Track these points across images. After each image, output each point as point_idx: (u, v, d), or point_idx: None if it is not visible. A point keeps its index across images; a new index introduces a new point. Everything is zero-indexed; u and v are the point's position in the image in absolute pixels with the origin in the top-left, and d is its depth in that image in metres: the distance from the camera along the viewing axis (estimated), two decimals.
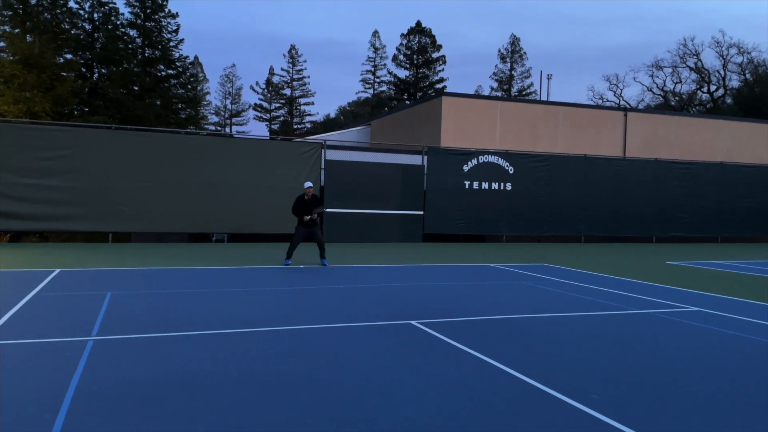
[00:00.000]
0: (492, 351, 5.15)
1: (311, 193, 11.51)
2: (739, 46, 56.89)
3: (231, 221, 16.38)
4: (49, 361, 4.58)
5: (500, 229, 19.44)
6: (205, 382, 4.13)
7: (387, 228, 17.98)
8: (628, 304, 7.81)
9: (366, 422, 3.46)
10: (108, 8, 37.68)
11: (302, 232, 11.54)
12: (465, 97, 25.04)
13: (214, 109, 69.11)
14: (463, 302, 7.65)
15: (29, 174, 14.63)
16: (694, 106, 56.32)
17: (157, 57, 38.86)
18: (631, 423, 3.55)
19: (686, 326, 6.48)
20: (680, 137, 27.01)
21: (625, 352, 5.26)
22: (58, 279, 8.82)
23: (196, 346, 5.13)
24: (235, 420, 3.45)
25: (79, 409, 3.55)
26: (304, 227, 11.50)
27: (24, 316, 6.15)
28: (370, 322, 6.25)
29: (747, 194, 22.46)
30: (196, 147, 16.28)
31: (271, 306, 7.11)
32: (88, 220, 15.22)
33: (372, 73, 66.33)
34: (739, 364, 4.96)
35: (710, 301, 8.29)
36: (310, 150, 17.31)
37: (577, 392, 4.08)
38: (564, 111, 25.61)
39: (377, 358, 4.86)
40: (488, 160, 19.19)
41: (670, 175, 21.47)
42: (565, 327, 6.28)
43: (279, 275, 9.91)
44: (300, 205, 11.51)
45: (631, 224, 21.05)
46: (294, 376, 4.30)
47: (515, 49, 63.77)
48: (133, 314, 6.37)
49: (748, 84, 52.60)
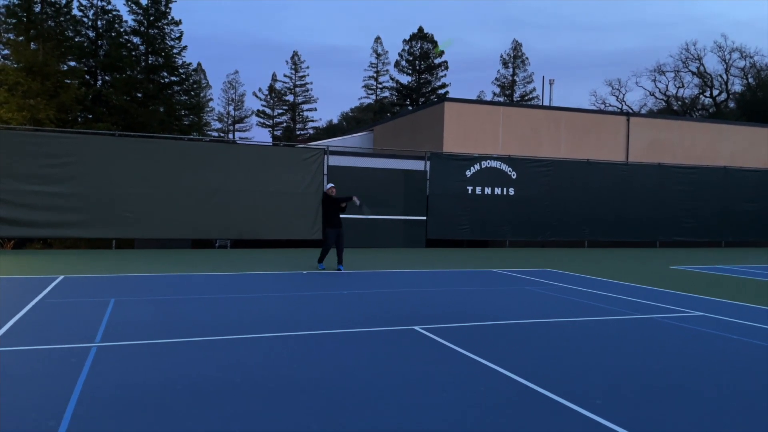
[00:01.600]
0: (496, 356, 5.14)
1: (334, 192, 11.79)
2: (741, 50, 56.84)
3: (234, 227, 16.39)
4: (53, 367, 4.59)
5: (503, 234, 19.43)
6: (209, 388, 4.13)
7: (390, 233, 17.98)
8: (631, 309, 7.79)
9: (370, 428, 3.46)
10: (111, 16, 37.90)
11: (333, 234, 11.64)
12: (467, 103, 25.06)
13: (217, 115, 69.41)
14: (466, 307, 7.64)
15: (33, 181, 14.68)
16: (696, 111, 56.28)
17: (161, 64, 39.02)
18: (635, 428, 3.54)
19: (690, 331, 6.46)
20: (683, 142, 26.98)
21: (628, 357, 5.25)
22: (62, 285, 8.84)
23: (200, 352, 5.13)
24: (239, 426, 3.45)
25: (83, 415, 3.56)
26: (333, 229, 11.62)
27: (28, 323, 6.17)
28: (374, 328, 6.25)
29: (750, 198, 22.42)
30: (199, 153, 16.33)
31: (274, 312, 7.11)
32: (92, 227, 15.26)
33: (374, 78, 66.55)
34: (743, 370, 4.94)
35: (714, 305, 8.26)
36: (312, 156, 17.35)
37: (580, 397, 4.07)
38: (566, 116, 25.61)
39: (381, 364, 4.86)
40: (491, 165, 19.20)
41: (673, 180, 21.44)
42: (568, 332, 6.27)
43: (281, 281, 9.91)
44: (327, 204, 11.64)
45: (635, 229, 21.01)
46: (298, 382, 4.30)
47: (517, 54, 63.90)
48: (136, 320, 6.38)
49: (750, 88, 52.55)
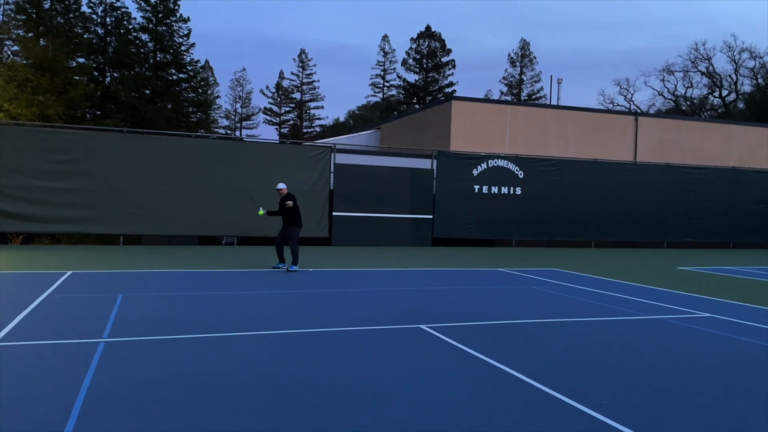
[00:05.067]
0: (502, 356, 5.13)
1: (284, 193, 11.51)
2: (750, 50, 56.51)
3: (241, 224, 16.43)
4: (61, 362, 4.62)
5: (510, 233, 19.38)
6: (216, 384, 4.15)
7: (396, 232, 17.97)
8: (639, 310, 7.76)
9: (375, 426, 3.46)
10: (120, 13, 38.00)
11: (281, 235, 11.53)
12: (475, 101, 24.99)
13: (225, 112, 69.47)
14: (472, 306, 7.63)
15: (41, 177, 14.77)
16: (705, 111, 55.93)
17: (169, 61, 39.11)
18: (641, 429, 3.52)
19: (698, 332, 6.42)
20: (691, 142, 26.82)
21: (635, 358, 5.23)
22: (70, 281, 8.89)
23: (207, 348, 5.15)
24: (245, 422, 3.46)
25: (90, 410, 3.58)
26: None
27: (36, 318, 6.21)
28: (380, 326, 6.25)
29: (759, 200, 22.26)
30: (206, 150, 16.38)
31: (281, 309, 7.12)
32: (100, 223, 15.35)
33: (381, 77, 66.46)
34: (750, 371, 4.91)
35: (722, 307, 8.22)
36: (319, 153, 17.36)
37: (587, 397, 4.06)
38: (574, 115, 25.51)
39: (387, 362, 4.86)
40: (498, 164, 19.15)
41: (681, 180, 21.32)
42: (574, 332, 6.25)
43: (288, 278, 9.93)
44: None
45: (642, 229, 20.92)
46: (304, 379, 4.31)
47: (525, 53, 63.66)
48: (144, 316, 6.41)
49: (760, 88, 52.17)
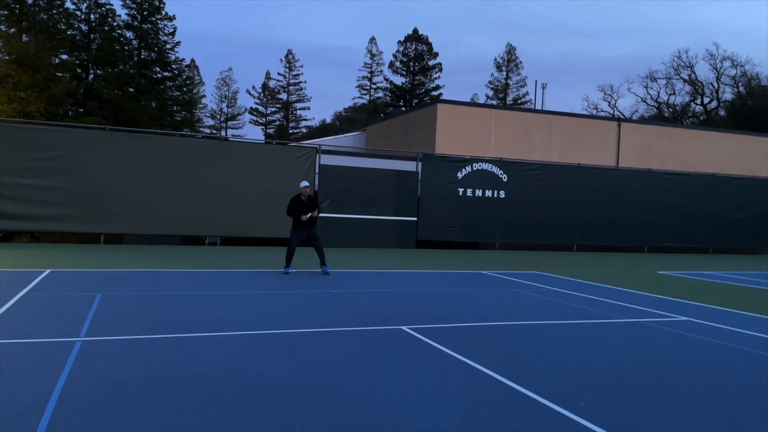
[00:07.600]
0: (481, 357, 5.16)
1: (307, 192, 10.80)
2: (732, 59, 57.43)
3: (224, 224, 16.34)
4: (37, 361, 4.56)
5: (493, 236, 19.49)
6: (193, 384, 4.12)
7: (380, 233, 17.99)
8: (618, 313, 7.84)
9: (353, 426, 3.46)
10: (105, 9, 37.66)
11: (298, 235, 10.80)
12: (460, 105, 25.12)
13: (210, 112, 69.19)
14: (454, 308, 7.66)
15: (22, 174, 14.57)
16: (687, 118, 56.70)
17: (153, 59, 38.83)
18: (618, 430, 3.56)
19: (675, 336, 6.51)
20: (673, 148, 27.18)
21: (613, 361, 5.28)
22: (48, 279, 8.77)
23: (186, 348, 5.11)
24: (223, 424, 3.44)
25: (64, 409, 3.54)
26: (300, 230, 10.79)
27: (13, 316, 6.12)
28: (361, 327, 6.25)
29: (738, 206, 22.63)
30: (190, 150, 16.26)
31: (261, 310, 7.09)
32: (80, 221, 15.16)
33: (368, 79, 66.59)
34: (726, 374, 4.98)
35: (700, 311, 8.33)
36: (305, 154, 17.33)
37: (564, 399, 4.09)
38: (558, 120, 25.74)
39: (367, 363, 4.86)
40: (482, 167, 19.25)
41: (663, 186, 21.60)
42: (554, 335, 6.30)
43: (271, 279, 9.89)
44: (295, 206, 10.75)
45: (624, 234, 21.15)
46: (283, 380, 4.30)
47: (511, 58, 64.13)
48: (122, 316, 6.34)
49: (741, 97, 53.01)
